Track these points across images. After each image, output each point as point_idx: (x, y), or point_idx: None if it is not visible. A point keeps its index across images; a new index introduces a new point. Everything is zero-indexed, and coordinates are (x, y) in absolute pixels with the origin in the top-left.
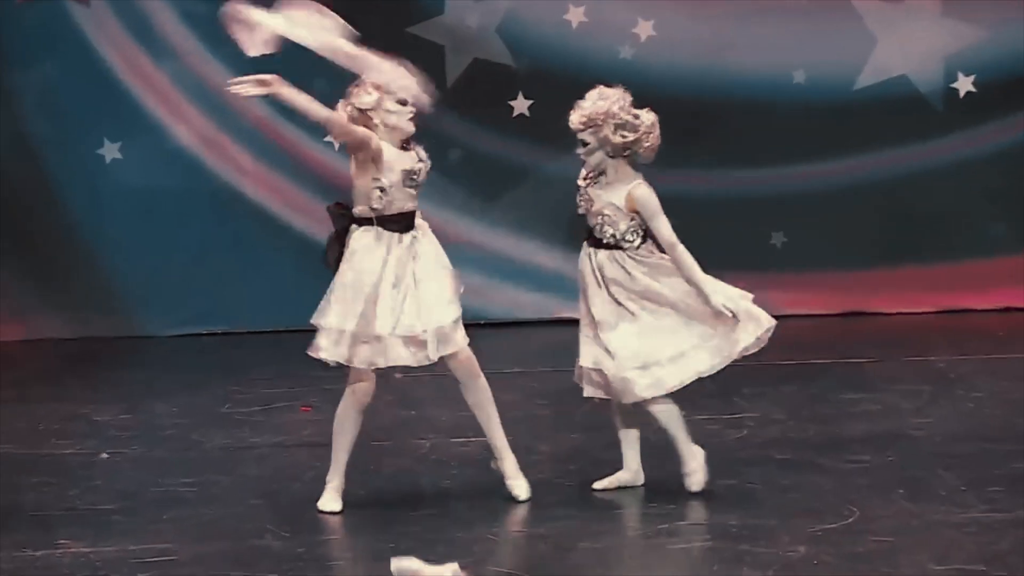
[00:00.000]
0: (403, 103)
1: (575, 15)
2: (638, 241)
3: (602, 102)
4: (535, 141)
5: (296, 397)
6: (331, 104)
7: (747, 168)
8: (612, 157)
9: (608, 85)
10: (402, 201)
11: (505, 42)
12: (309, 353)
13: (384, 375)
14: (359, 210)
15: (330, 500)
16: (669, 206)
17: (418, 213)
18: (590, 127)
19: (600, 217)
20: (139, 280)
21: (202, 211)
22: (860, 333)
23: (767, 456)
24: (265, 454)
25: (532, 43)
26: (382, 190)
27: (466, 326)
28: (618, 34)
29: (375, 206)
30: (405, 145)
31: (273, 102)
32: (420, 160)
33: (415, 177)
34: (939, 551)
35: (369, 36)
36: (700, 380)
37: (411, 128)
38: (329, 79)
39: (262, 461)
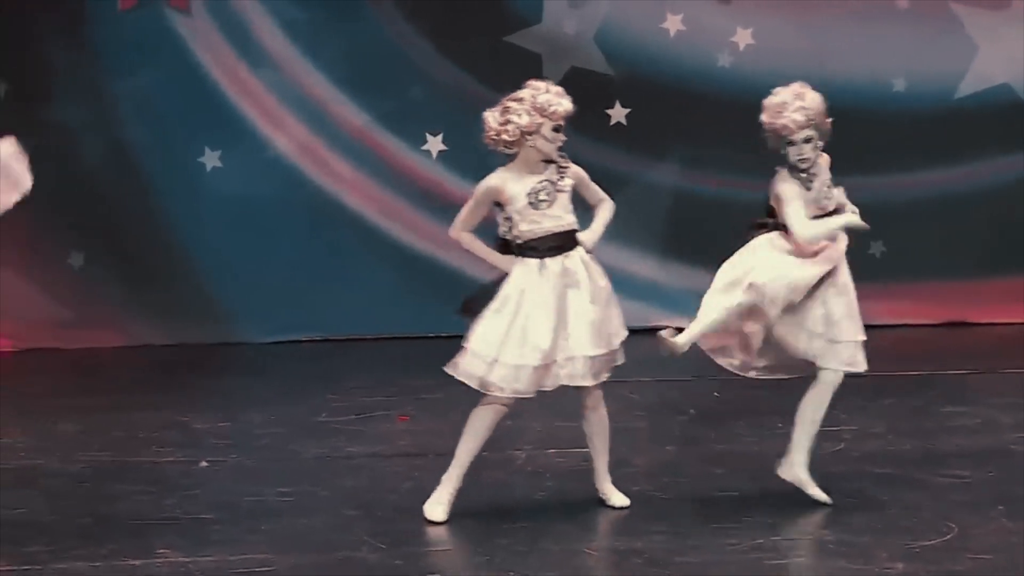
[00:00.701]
0: (558, 129)
1: (673, 23)
2: None
3: (813, 94)
4: (632, 150)
5: (393, 406)
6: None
7: (846, 177)
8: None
9: (708, 93)
10: (531, 224)
11: (602, 50)
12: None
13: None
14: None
15: (436, 506)
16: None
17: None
18: (814, 120)
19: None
20: (237, 287)
21: (300, 220)
22: (960, 344)
23: (864, 470)
24: (361, 464)
25: (629, 51)
26: (508, 219)
27: None
28: (716, 42)
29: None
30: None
31: (374, 110)
32: (544, 178)
33: (538, 195)
34: None
35: (468, 45)
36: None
37: (555, 156)
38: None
39: (358, 471)
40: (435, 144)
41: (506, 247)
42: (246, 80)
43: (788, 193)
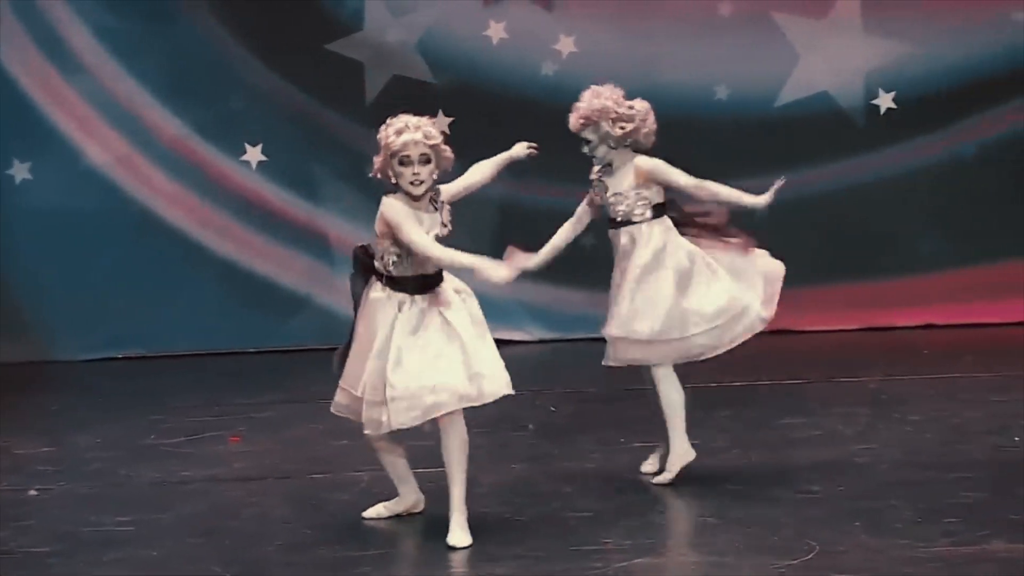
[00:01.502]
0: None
1: (496, 31)
2: (649, 213)
3: (596, 100)
4: (455, 159)
5: (223, 426)
6: None
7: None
8: (615, 148)
9: (532, 101)
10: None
11: (425, 58)
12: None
13: None
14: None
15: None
16: (593, 224)
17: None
18: (589, 125)
19: (613, 197)
20: (52, 303)
21: (117, 233)
22: (789, 352)
23: (717, 487)
24: (199, 489)
25: (452, 59)
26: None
27: None
28: (540, 50)
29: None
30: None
31: (192, 120)
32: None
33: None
34: None
35: (288, 53)
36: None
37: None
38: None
39: (197, 497)
40: (254, 154)
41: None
42: (58, 87)
43: None
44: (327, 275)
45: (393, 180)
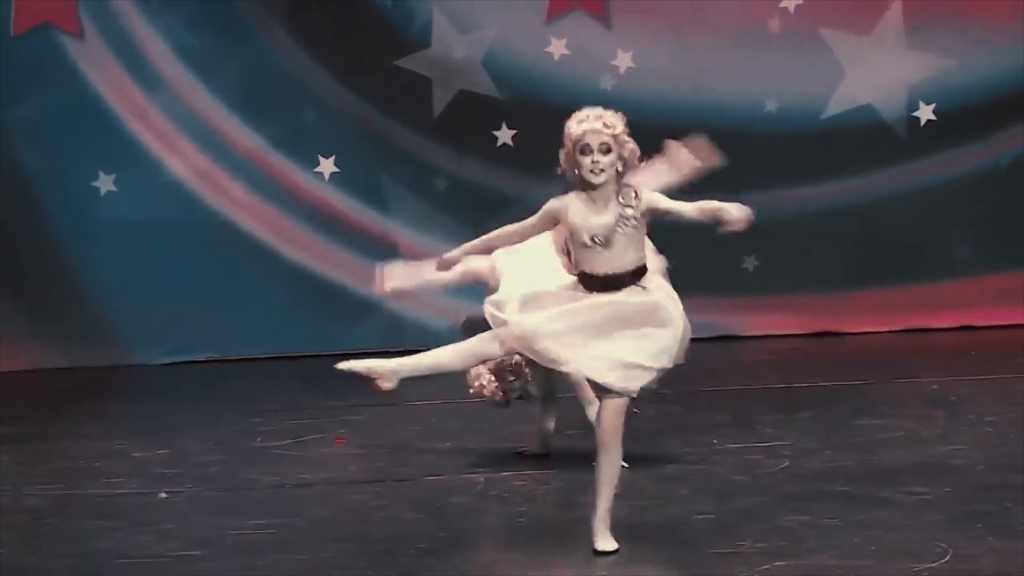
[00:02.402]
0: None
1: (557, 47)
2: None
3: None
4: (518, 169)
5: (321, 429)
6: None
7: (720, 193)
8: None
9: None
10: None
11: (490, 74)
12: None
13: None
14: None
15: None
16: (653, 231)
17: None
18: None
19: None
20: (133, 310)
21: (195, 241)
22: (837, 354)
23: (826, 489)
24: (321, 492)
25: (516, 75)
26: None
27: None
28: (599, 66)
29: None
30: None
31: (267, 133)
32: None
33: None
34: None
35: (359, 69)
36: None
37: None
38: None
39: (322, 500)
40: (327, 166)
41: None
42: (140, 104)
43: None
44: None
45: (576, 172)
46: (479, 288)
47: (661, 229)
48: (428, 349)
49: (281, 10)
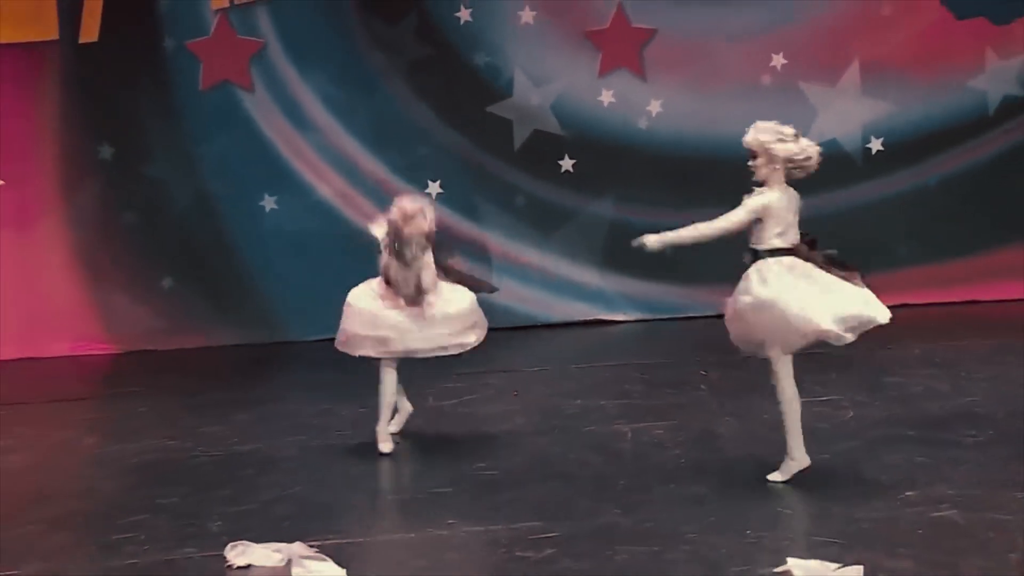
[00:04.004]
0: None
1: (606, 96)
2: None
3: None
4: (578, 191)
5: (475, 391)
6: None
7: (728, 207)
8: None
9: (632, 147)
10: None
11: (556, 117)
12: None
13: None
14: None
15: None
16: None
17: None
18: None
19: None
20: (291, 299)
21: (337, 247)
22: None
23: (900, 434)
24: (512, 441)
25: (575, 117)
26: None
27: (526, 328)
28: (637, 110)
29: None
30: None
31: (390, 163)
32: None
33: None
34: None
35: (460, 113)
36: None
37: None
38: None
39: (517, 447)
40: (435, 188)
41: None
42: (296, 142)
43: None
44: (486, 274)
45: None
46: None
47: None
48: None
49: (400, 68)
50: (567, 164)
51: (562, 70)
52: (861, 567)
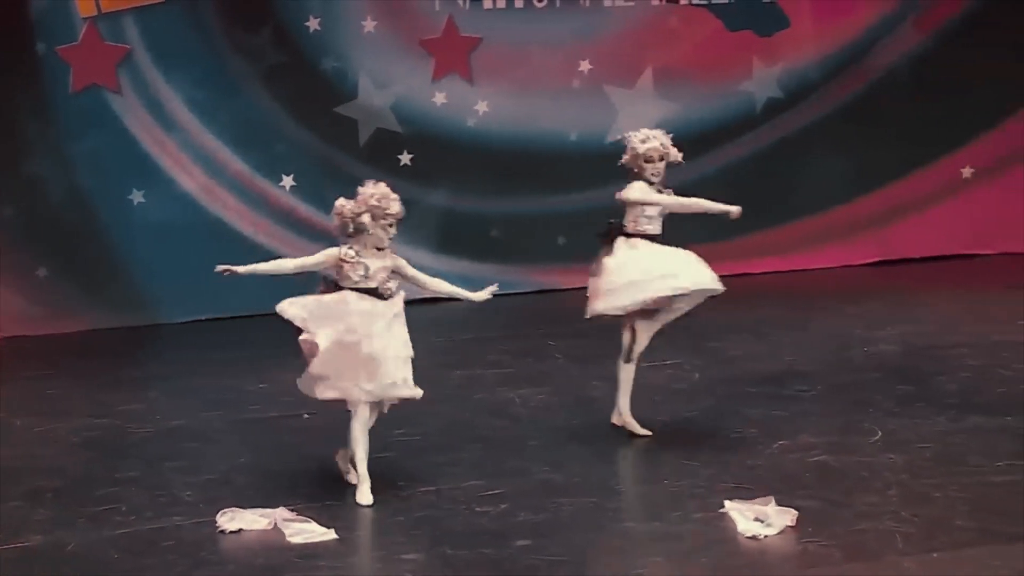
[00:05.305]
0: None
1: (440, 98)
2: None
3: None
4: (415, 182)
5: None
6: None
7: (546, 194)
8: None
9: (461, 143)
10: None
11: (396, 116)
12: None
13: None
14: None
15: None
16: (500, 221)
17: None
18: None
19: None
20: (159, 284)
21: (201, 236)
22: None
23: (748, 391)
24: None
25: (413, 116)
26: None
27: None
28: (466, 110)
29: None
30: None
31: (249, 160)
32: None
33: None
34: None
35: (311, 113)
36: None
37: None
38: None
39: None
40: (288, 182)
41: None
42: (162, 140)
43: None
44: None
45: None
46: None
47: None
48: None
49: (258, 73)
50: (406, 159)
51: (401, 74)
52: (792, 510)
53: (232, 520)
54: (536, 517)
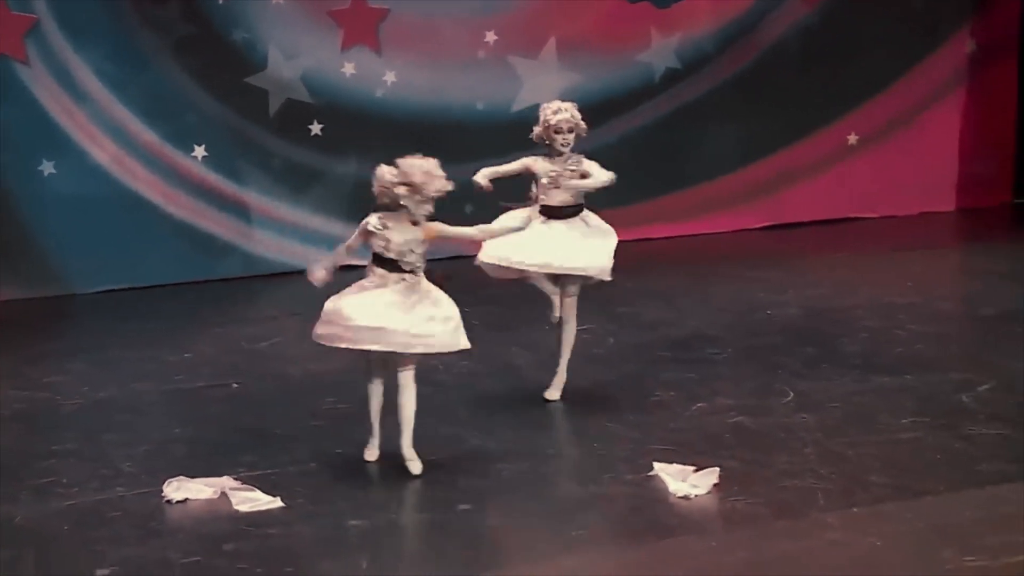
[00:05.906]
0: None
1: (348, 68)
2: None
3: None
4: (326, 152)
5: (286, 329)
6: None
7: (453, 163)
8: None
9: (370, 113)
10: None
11: (306, 87)
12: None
13: None
14: None
15: None
16: None
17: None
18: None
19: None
20: (70, 255)
21: (112, 206)
22: None
23: (661, 356)
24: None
25: (322, 87)
26: None
27: (284, 274)
28: (375, 81)
29: None
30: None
31: (160, 131)
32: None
33: None
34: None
35: (222, 84)
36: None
37: None
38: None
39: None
40: (200, 151)
41: None
42: (72, 111)
43: None
44: (246, 229)
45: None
46: None
47: None
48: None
49: (168, 45)
50: (316, 129)
51: (310, 46)
52: (717, 469)
53: (178, 490)
54: (482, 482)
